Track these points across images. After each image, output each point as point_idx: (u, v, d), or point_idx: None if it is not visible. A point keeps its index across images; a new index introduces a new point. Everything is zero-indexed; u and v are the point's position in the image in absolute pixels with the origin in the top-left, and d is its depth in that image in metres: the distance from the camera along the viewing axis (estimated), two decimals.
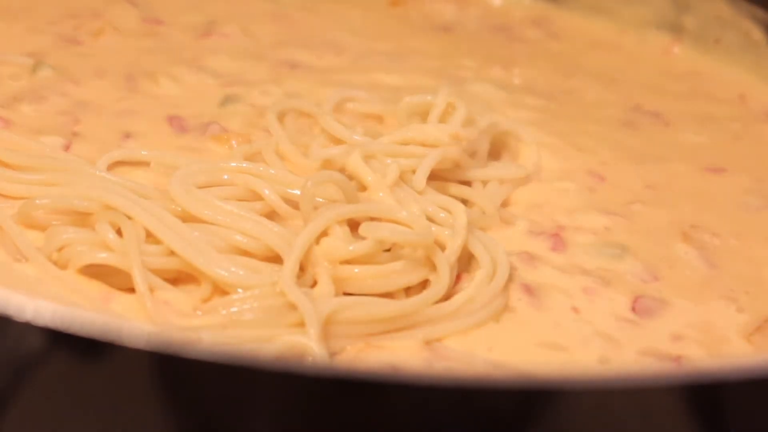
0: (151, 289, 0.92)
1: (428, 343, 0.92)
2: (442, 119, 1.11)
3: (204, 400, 0.72)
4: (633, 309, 0.98)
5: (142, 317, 0.91)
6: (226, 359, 0.69)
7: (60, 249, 0.94)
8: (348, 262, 0.95)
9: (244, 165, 1.02)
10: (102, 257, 0.93)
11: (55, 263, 0.94)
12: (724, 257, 1.05)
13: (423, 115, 1.12)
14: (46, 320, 0.70)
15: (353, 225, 0.96)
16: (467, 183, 1.08)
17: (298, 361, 0.69)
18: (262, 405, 0.71)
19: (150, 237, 0.94)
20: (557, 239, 1.05)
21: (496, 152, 1.14)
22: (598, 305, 0.98)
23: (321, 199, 0.99)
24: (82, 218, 0.96)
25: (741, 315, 0.99)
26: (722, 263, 1.05)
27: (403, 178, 1.03)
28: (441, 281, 0.95)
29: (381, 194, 1.00)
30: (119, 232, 0.94)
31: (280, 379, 0.70)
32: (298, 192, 0.99)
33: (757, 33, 1.35)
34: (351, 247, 0.94)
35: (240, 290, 0.92)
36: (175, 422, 0.73)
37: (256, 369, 0.70)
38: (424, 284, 0.96)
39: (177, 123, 1.14)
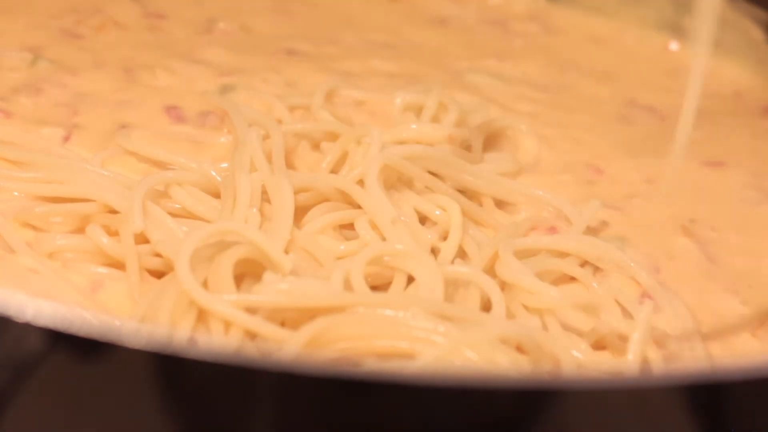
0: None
1: None
2: (435, 118, 1.11)
3: (204, 400, 0.72)
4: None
5: (130, 306, 0.92)
6: (226, 359, 0.69)
7: (50, 255, 0.95)
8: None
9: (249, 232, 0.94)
10: (102, 272, 0.94)
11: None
12: (725, 251, 1.05)
13: (417, 111, 1.13)
14: (46, 320, 0.70)
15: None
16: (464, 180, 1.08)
17: (298, 362, 0.69)
18: (262, 405, 0.71)
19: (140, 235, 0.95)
20: (555, 232, 1.04)
21: (495, 144, 1.14)
22: None
23: None
24: (79, 218, 0.98)
25: (745, 308, 0.99)
26: (723, 257, 1.04)
27: (400, 179, 1.02)
28: None
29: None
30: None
31: (280, 379, 0.70)
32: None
33: (756, 32, 1.35)
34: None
35: None
36: (175, 422, 0.73)
37: (256, 369, 0.70)
38: None
39: (174, 113, 1.13)
